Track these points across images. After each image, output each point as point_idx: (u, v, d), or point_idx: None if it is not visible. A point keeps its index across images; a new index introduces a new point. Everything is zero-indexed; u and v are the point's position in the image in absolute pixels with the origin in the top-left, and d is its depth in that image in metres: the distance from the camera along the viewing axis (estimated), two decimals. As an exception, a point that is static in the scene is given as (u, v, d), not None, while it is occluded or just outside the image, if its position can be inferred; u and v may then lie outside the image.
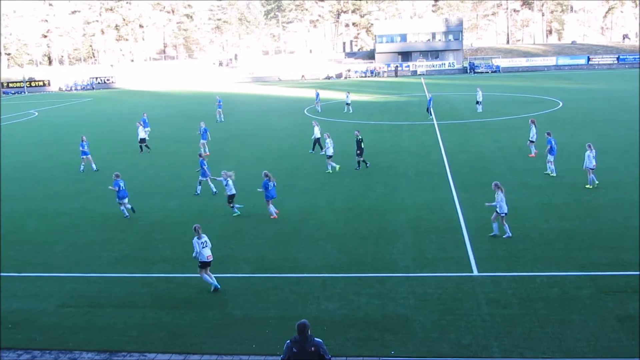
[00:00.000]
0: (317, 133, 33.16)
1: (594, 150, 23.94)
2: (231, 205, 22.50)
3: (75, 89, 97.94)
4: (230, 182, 22.21)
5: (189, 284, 16.47)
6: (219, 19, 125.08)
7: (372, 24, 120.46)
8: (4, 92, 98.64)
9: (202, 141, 34.98)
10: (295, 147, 34.98)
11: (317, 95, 54.07)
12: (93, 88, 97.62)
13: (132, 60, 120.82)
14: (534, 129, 30.04)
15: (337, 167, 29.00)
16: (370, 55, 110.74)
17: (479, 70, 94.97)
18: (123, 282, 16.82)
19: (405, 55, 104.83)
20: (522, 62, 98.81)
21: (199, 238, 15.74)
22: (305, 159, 32.17)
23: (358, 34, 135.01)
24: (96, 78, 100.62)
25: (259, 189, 22.35)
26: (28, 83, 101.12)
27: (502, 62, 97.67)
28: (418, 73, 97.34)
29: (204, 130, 35.15)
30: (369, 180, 27.04)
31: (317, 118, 48.03)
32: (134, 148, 37.02)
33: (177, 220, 22.36)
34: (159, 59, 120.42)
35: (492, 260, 16.93)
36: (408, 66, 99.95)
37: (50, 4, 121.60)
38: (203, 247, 15.75)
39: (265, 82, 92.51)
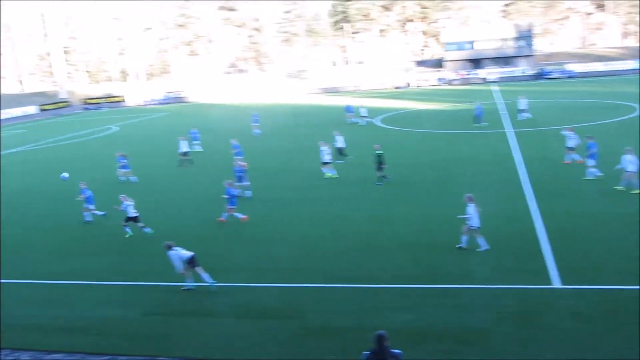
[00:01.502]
0: (340, 142, 34.09)
1: (634, 156, 23.68)
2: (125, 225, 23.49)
3: (152, 104, 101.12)
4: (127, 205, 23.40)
5: (268, 294, 16.78)
6: (287, 32, 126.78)
7: (440, 32, 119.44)
8: (84, 109, 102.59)
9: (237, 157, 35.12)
10: (365, 157, 34.93)
11: (349, 107, 53.21)
12: (168, 103, 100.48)
13: (204, 75, 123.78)
14: (573, 137, 29.79)
15: (334, 175, 30.67)
16: (440, 64, 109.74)
17: (553, 76, 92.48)
18: (203, 292, 17.26)
19: (475, 63, 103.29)
20: (598, 66, 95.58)
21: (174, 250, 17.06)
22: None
23: (427, 42, 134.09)
24: (170, 92, 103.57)
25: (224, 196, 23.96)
26: (106, 99, 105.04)
27: (577, 67, 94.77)
28: (489, 80, 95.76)
29: (237, 147, 35.20)
30: (442, 190, 26.81)
31: (390, 127, 48.02)
32: (210, 160, 37.99)
33: (254, 230, 22.78)
34: (230, 73, 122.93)
35: (574, 272, 16.48)
36: (477, 73, 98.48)
37: (125, 23, 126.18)
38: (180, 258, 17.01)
39: (335, 93, 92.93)
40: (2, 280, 19.32)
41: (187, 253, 17.13)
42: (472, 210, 18.36)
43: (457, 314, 14.58)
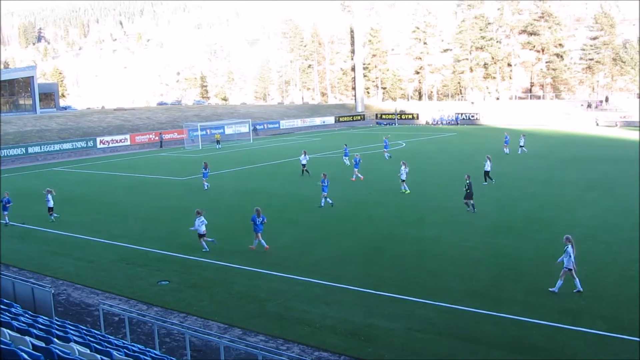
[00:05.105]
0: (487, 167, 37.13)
1: None
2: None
3: (441, 123, 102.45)
4: None
5: (538, 331, 15.73)
6: (591, 59, 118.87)
7: None
8: (377, 123, 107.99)
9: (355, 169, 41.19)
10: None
11: (507, 137, 54.09)
12: (457, 123, 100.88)
13: (498, 98, 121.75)
14: None
15: (407, 191, 34.90)
16: None
17: None
18: (470, 317, 16.82)
19: None
20: None
21: (198, 218, 23.43)
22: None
23: None
24: (461, 114, 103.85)
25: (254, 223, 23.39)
26: (399, 115, 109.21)
27: None
28: None
29: (357, 160, 41.49)
30: None
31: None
32: (500, 183, 37.19)
33: (533, 264, 21.54)
34: (524, 98, 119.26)
35: None
36: None
37: (425, 43, 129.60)
38: (201, 225, 23.40)
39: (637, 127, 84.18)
40: (290, 275, 20.93)
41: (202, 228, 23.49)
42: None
43: None
